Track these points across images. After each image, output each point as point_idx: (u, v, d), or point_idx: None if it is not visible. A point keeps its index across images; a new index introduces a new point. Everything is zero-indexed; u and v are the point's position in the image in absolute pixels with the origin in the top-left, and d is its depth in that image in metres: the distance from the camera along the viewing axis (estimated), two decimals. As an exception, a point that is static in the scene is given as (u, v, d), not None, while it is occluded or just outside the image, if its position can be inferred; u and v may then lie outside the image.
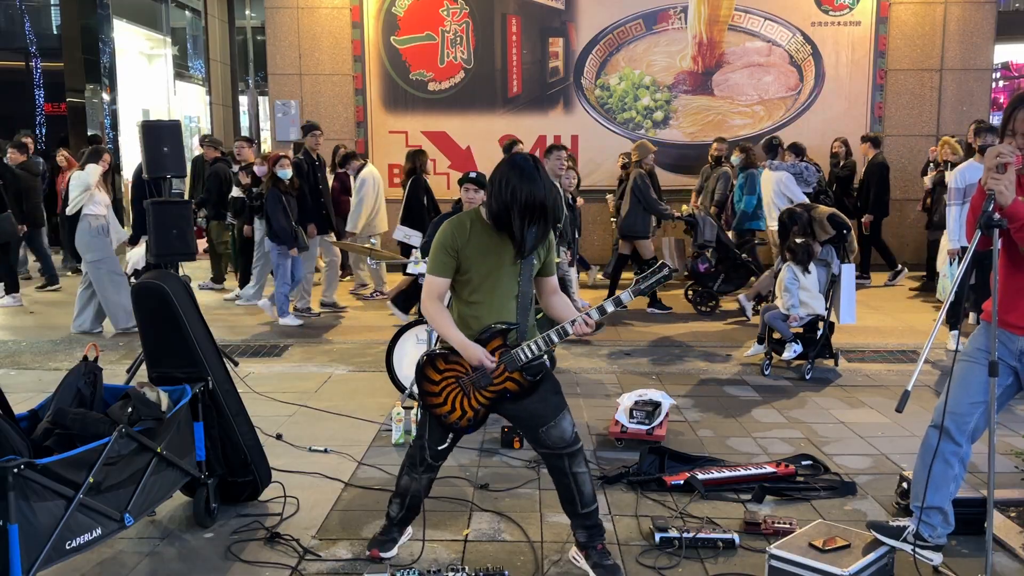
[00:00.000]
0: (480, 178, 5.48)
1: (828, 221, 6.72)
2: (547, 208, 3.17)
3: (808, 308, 6.53)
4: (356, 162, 9.95)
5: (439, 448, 3.42)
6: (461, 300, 3.33)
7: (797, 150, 9.41)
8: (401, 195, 9.26)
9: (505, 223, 3.18)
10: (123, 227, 10.19)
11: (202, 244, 10.55)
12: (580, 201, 8.64)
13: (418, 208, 8.34)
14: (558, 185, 7.30)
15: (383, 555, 3.54)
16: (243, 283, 9.51)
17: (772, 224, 8.43)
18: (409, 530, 3.71)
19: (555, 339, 3.25)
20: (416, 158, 8.77)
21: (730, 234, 9.19)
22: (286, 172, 8.15)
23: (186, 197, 10.94)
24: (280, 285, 8.22)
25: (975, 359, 3.23)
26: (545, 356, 3.33)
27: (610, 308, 3.24)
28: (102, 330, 7.99)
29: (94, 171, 7.88)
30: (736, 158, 9.47)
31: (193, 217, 8.79)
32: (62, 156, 11.10)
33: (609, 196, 10.77)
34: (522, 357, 3.25)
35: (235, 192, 9.64)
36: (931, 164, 9.98)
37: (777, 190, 8.69)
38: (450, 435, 3.39)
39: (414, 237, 7.62)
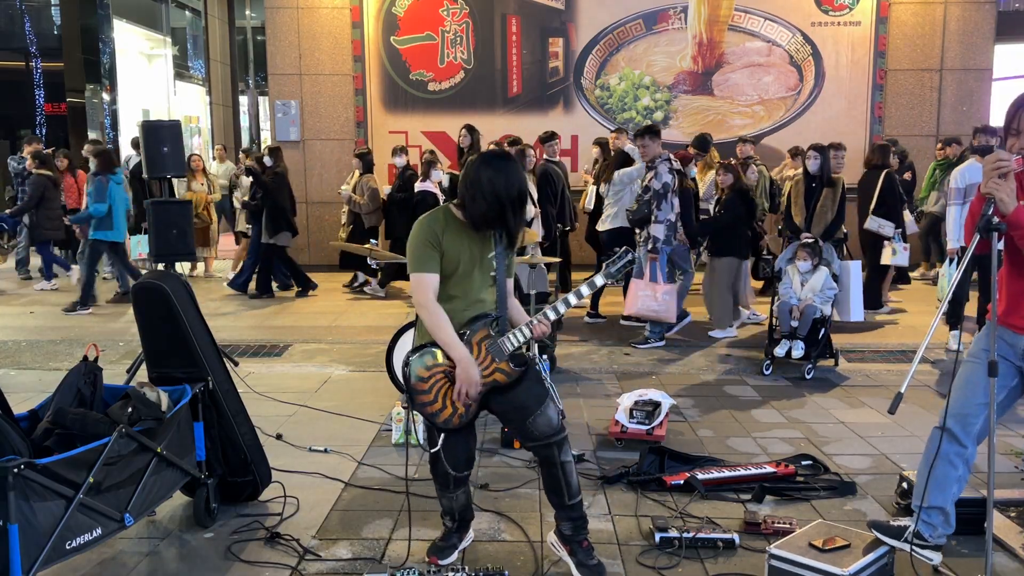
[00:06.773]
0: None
1: None
2: (526, 195, 3.26)
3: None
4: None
5: (457, 458, 3.40)
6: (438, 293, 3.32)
7: None
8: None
9: (494, 218, 3.20)
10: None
11: None
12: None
13: (892, 201, 8.42)
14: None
15: (441, 562, 3.49)
16: None
17: None
18: (471, 534, 3.67)
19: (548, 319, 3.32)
20: (884, 152, 8.71)
21: None
22: (693, 171, 8.52)
23: None
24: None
25: (980, 360, 3.20)
26: (532, 345, 3.36)
27: (575, 300, 3.34)
28: None
29: None
30: (91, 163, 8.89)
31: None
32: (62, 160, 11.09)
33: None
34: (509, 346, 3.27)
35: None
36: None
37: None
38: (442, 435, 3.36)
39: (886, 227, 8.32)
